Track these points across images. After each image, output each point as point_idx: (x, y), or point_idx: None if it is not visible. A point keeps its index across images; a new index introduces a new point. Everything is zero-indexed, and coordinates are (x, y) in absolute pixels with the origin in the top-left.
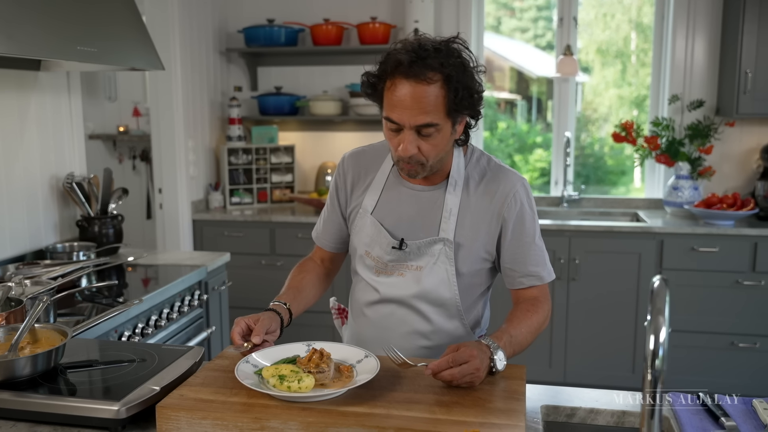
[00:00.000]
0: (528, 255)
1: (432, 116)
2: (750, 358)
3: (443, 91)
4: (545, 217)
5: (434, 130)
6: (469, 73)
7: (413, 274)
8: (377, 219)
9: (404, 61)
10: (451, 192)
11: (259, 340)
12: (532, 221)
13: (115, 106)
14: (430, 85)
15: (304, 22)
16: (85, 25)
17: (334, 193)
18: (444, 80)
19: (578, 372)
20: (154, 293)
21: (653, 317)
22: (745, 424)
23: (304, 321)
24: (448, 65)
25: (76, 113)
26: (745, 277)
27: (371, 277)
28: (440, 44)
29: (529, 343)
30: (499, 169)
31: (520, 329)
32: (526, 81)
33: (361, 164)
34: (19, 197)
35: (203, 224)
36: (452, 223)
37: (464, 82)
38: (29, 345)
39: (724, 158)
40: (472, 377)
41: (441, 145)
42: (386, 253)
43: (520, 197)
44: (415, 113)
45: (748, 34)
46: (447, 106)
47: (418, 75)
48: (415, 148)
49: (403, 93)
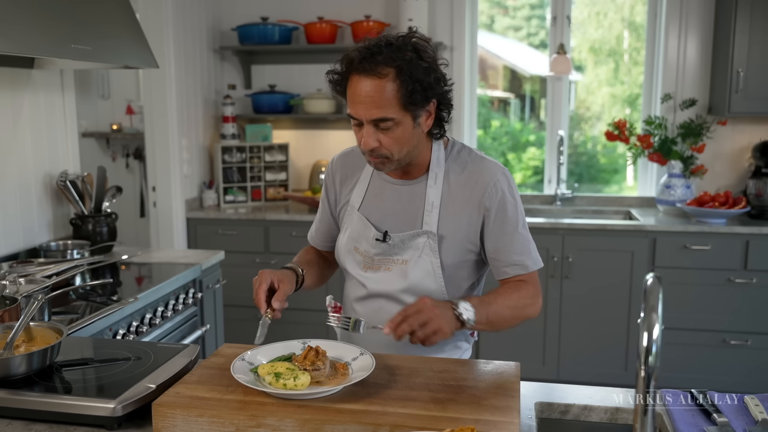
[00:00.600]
0: (511, 244)
1: (386, 110)
2: (742, 356)
3: (396, 85)
4: (538, 215)
5: (392, 123)
6: (424, 66)
7: (399, 268)
8: (364, 215)
9: (355, 58)
10: (432, 185)
11: (279, 305)
12: (514, 210)
13: (108, 104)
14: (382, 80)
15: (298, 21)
16: (79, 23)
17: (325, 194)
18: (396, 74)
19: (571, 369)
20: (149, 291)
21: (646, 314)
22: (737, 420)
23: (298, 319)
24: (399, 59)
25: (70, 111)
26: (736, 274)
27: (359, 273)
28: (396, 39)
29: (508, 318)
30: (480, 159)
31: (496, 299)
32: (520, 79)
33: (349, 163)
34: (12, 195)
35: (197, 222)
36: (434, 215)
37: (417, 76)
38: (24, 343)
39: (716, 157)
40: (433, 327)
41: (403, 138)
42: (372, 246)
43: (501, 186)
44: (370, 108)
45: (740, 33)
46: (401, 99)
47: (368, 70)
48: (375, 141)
49: (358, 88)
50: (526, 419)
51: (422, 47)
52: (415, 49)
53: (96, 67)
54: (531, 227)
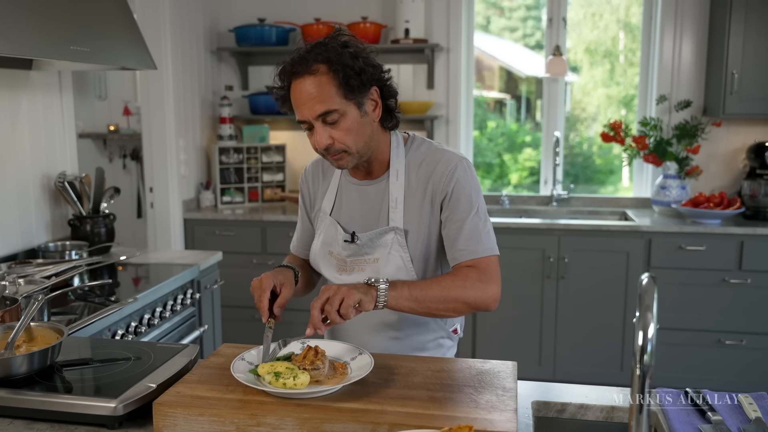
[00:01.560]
0: (461, 230)
1: (328, 103)
2: (736, 355)
3: (330, 77)
4: (535, 216)
5: (337, 115)
6: (352, 53)
7: (372, 267)
8: (335, 218)
9: (288, 65)
10: (393, 182)
11: (280, 311)
12: (468, 197)
13: (105, 104)
14: (315, 76)
15: (295, 22)
16: (78, 25)
17: (302, 203)
18: (328, 67)
19: (568, 369)
20: (147, 292)
21: (642, 314)
22: (731, 418)
23: (295, 319)
24: (327, 52)
25: (68, 112)
26: (731, 275)
27: (335, 276)
28: (322, 39)
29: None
30: (439, 151)
31: (429, 281)
32: (515, 80)
33: (320, 170)
34: (10, 196)
35: (194, 223)
36: (399, 211)
37: (347, 62)
38: (25, 343)
39: (711, 158)
40: (341, 296)
41: (354, 128)
42: (343, 249)
43: (456, 175)
44: (312, 104)
45: (735, 35)
46: (339, 88)
47: (302, 71)
48: (328, 138)
49: (298, 91)
50: (523, 418)
51: (349, 41)
52: (342, 44)
53: (94, 69)
54: (527, 228)
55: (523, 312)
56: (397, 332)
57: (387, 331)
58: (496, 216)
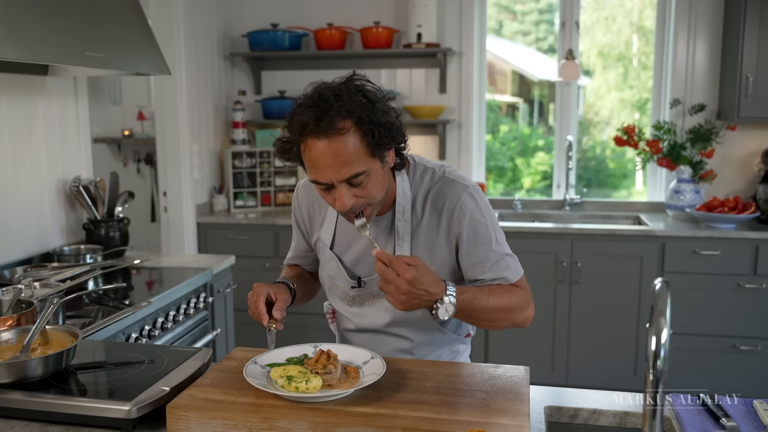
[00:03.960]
0: (485, 261)
1: (357, 165)
2: (751, 361)
3: (359, 136)
4: (547, 221)
5: (364, 176)
6: (379, 107)
7: (382, 302)
8: (337, 254)
9: (309, 121)
10: (399, 219)
11: (280, 315)
12: (485, 229)
13: (119, 109)
14: (344, 136)
15: (307, 27)
16: (94, 31)
17: (295, 223)
18: (356, 125)
19: (580, 374)
20: (161, 295)
21: (655, 319)
22: (745, 424)
23: (305, 323)
24: (354, 108)
25: (83, 117)
26: (746, 280)
27: (344, 308)
28: (340, 88)
29: (492, 320)
30: (443, 182)
31: (489, 299)
32: (528, 84)
33: (313, 195)
34: (26, 200)
35: (207, 227)
36: (406, 249)
37: (377, 119)
38: (40, 346)
39: (726, 162)
40: (393, 296)
41: (378, 184)
42: (349, 290)
43: (468, 208)
44: (339, 168)
45: (749, 38)
46: (368, 149)
47: (327, 130)
48: (352, 199)
49: (319, 152)
50: (535, 423)
51: (369, 89)
52: (364, 93)
53: (110, 74)
54: (539, 232)
55: (536, 316)
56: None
57: (402, 355)
58: (509, 220)
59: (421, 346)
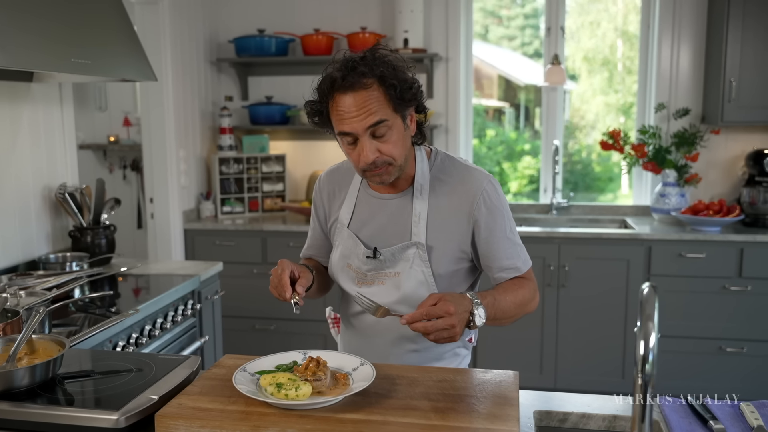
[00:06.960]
0: (502, 250)
1: (380, 114)
2: (737, 363)
3: (382, 90)
4: (534, 224)
5: (386, 127)
6: (400, 68)
7: (392, 280)
8: (353, 231)
9: (337, 77)
10: (417, 197)
11: (302, 290)
12: (502, 218)
13: (105, 115)
14: (368, 90)
15: (294, 32)
16: (79, 37)
17: (315, 212)
18: (379, 81)
19: (569, 378)
20: (148, 303)
21: (643, 323)
22: (733, 427)
23: (297, 329)
24: (377, 67)
25: (69, 124)
26: (731, 282)
27: (353, 289)
28: (366, 53)
29: (511, 316)
30: (465, 168)
31: (506, 297)
32: (514, 89)
33: (335, 180)
34: (11, 208)
35: (195, 234)
36: (422, 227)
37: (399, 77)
38: (27, 356)
39: (710, 165)
40: (448, 333)
41: (399, 141)
42: (363, 263)
43: (489, 195)
44: (363, 117)
45: (733, 43)
46: (391, 101)
47: (354, 85)
48: (374, 152)
49: (347, 104)
50: (525, 427)
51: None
52: (386, 57)
53: (95, 81)
54: (527, 236)
55: (524, 321)
56: (416, 344)
57: (406, 344)
58: None
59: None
